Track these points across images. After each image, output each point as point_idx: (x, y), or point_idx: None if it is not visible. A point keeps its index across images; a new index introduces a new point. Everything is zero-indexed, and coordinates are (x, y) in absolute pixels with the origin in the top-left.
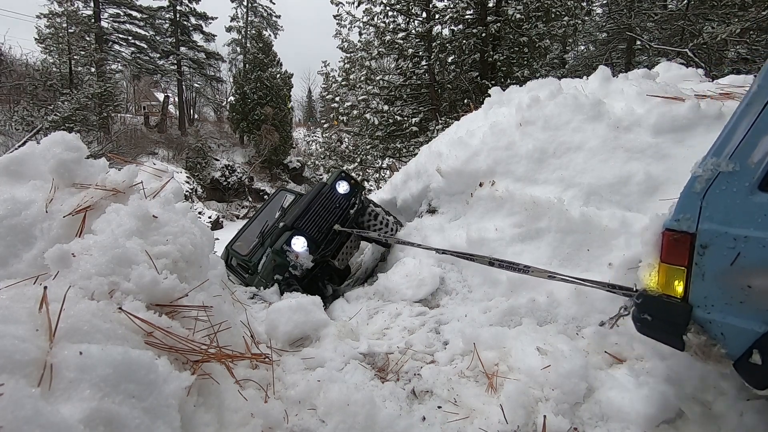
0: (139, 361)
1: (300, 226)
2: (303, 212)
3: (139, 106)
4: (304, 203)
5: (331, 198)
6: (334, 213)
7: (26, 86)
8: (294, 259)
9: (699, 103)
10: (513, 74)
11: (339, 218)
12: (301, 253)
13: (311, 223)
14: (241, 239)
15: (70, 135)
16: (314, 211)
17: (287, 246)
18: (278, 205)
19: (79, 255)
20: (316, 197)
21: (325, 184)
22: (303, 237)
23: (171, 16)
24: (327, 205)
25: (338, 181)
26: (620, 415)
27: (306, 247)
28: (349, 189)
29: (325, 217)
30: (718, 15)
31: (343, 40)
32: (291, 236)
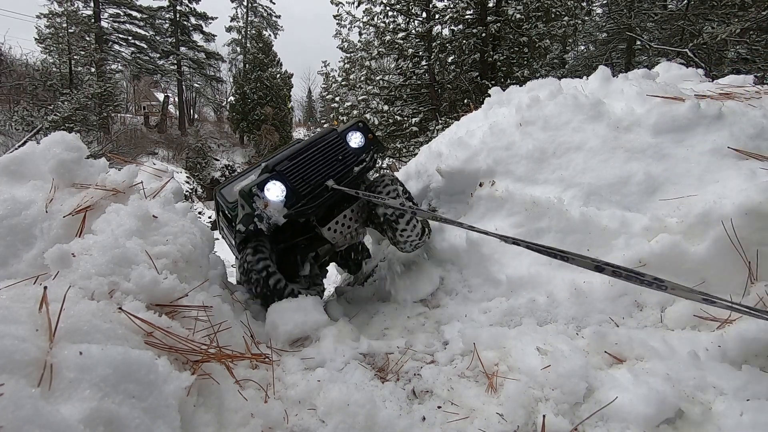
0: (139, 361)
1: (282, 170)
2: (292, 155)
3: (139, 106)
4: (300, 146)
5: (335, 148)
6: (333, 167)
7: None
8: (261, 208)
9: (699, 103)
10: (513, 74)
11: (338, 175)
12: (273, 202)
13: (298, 170)
14: (237, 183)
15: (70, 135)
16: (307, 158)
17: (258, 190)
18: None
19: (79, 255)
20: (315, 142)
21: (333, 130)
22: (281, 183)
23: (171, 16)
24: (328, 154)
25: (352, 131)
26: (620, 415)
27: (282, 197)
28: (363, 143)
29: (319, 168)
30: (718, 15)
31: (343, 40)
32: (267, 180)
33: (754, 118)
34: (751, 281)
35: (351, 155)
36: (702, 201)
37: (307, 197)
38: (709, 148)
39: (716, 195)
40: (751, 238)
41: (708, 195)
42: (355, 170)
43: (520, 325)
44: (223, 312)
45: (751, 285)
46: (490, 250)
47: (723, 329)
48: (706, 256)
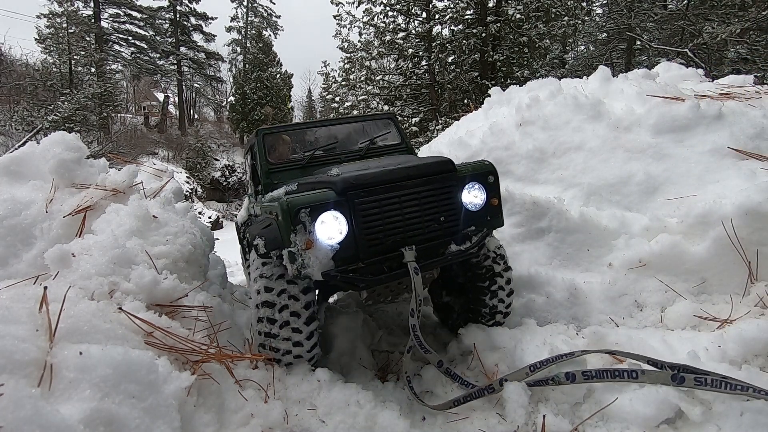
0: (139, 361)
1: (359, 201)
2: (382, 180)
3: (139, 106)
4: (395, 170)
5: (442, 197)
6: (426, 227)
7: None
8: (299, 245)
9: (699, 103)
10: (513, 74)
11: (426, 243)
12: (322, 245)
13: (380, 210)
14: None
15: (70, 135)
16: (399, 197)
17: (308, 215)
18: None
19: (79, 255)
20: (420, 175)
21: (451, 169)
22: (347, 221)
23: (171, 16)
24: (428, 204)
25: (477, 181)
26: (620, 415)
27: (337, 243)
28: (481, 205)
29: (408, 220)
30: (718, 15)
31: (343, 40)
32: (329, 206)
33: (754, 118)
34: (751, 281)
35: (455, 218)
36: (702, 201)
37: (370, 261)
38: (709, 148)
39: (716, 195)
40: (751, 238)
41: (708, 195)
42: (450, 249)
43: (521, 325)
44: (223, 312)
45: (751, 285)
46: None
47: (723, 329)
48: (706, 256)
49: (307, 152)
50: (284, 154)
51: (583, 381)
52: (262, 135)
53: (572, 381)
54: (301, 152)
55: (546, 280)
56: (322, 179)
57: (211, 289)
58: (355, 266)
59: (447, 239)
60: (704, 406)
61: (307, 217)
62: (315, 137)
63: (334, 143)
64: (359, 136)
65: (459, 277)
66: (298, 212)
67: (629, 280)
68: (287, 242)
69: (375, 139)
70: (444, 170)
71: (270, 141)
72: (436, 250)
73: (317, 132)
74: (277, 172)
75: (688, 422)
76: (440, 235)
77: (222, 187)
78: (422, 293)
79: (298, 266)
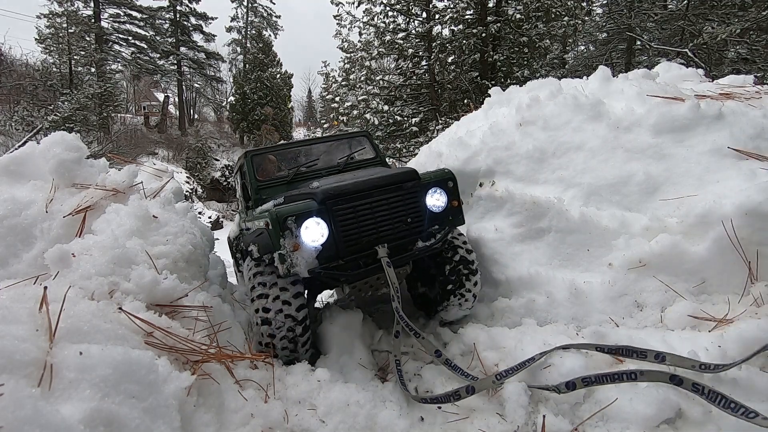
0: (139, 361)
1: (336, 209)
2: (355, 190)
3: (139, 106)
4: (365, 180)
5: (408, 202)
6: (395, 228)
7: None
8: (288, 248)
9: (699, 103)
10: (513, 74)
11: (396, 241)
12: (306, 247)
13: (355, 215)
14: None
15: (70, 135)
16: (371, 203)
17: (294, 223)
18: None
19: (79, 255)
20: (388, 183)
21: (414, 174)
22: (327, 226)
23: (171, 16)
24: (396, 207)
25: (438, 186)
26: (620, 415)
27: (320, 245)
28: (442, 208)
29: (379, 222)
30: (718, 15)
31: (343, 40)
32: (311, 214)
33: (754, 118)
34: (751, 281)
35: (421, 219)
36: (702, 201)
37: (349, 258)
38: (709, 148)
39: (716, 195)
40: (751, 238)
41: (708, 195)
42: (418, 245)
43: (520, 325)
44: (223, 312)
45: (751, 285)
46: (490, 251)
47: (723, 329)
48: (706, 256)
49: (291, 169)
50: (271, 171)
51: (583, 387)
52: (251, 156)
53: (572, 389)
54: (286, 169)
55: (546, 280)
56: (304, 191)
57: (211, 289)
58: (336, 264)
59: (414, 237)
60: (704, 407)
61: (293, 224)
62: (298, 155)
63: (315, 160)
64: (338, 152)
65: (431, 268)
66: (286, 220)
67: (629, 280)
68: (277, 246)
69: (352, 155)
70: (408, 179)
71: (258, 161)
72: (405, 247)
73: (300, 150)
74: (265, 188)
75: (688, 422)
76: (408, 234)
77: (222, 187)
78: (396, 283)
79: (287, 266)
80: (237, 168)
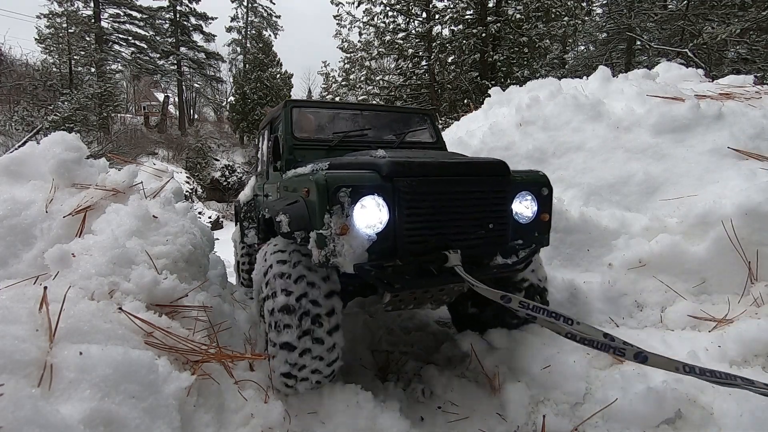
0: (139, 361)
1: (406, 188)
2: (433, 173)
3: (139, 106)
4: (450, 165)
5: (493, 203)
6: (474, 233)
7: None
8: (333, 229)
9: (699, 103)
10: (513, 74)
11: (472, 249)
12: (359, 232)
13: (429, 205)
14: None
15: (70, 135)
16: (451, 196)
17: (347, 194)
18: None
19: (79, 255)
20: (473, 175)
21: (504, 174)
22: (388, 208)
23: (171, 16)
24: (479, 207)
25: (529, 192)
26: (620, 415)
27: (375, 233)
28: (532, 218)
29: (457, 221)
30: (718, 15)
31: (343, 40)
32: (372, 190)
33: (754, 118)
34: (751, 281)
35: (504, 228)
36: (702, 201)
37: (409, 259)
38: (709, 148)
39: (716, 195)
40: (751, 238)
41: (708, 195)
42: (497, 261)
43: None
44: (223, 312)
45: (751, 285)
46: None
47: (723, 329)
48: (706, 256)
49: (336, 133)
50: (309, 132)
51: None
52: (291, 107)
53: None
54: (328, 133)
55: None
56: (363, 159)
57: (211, 289)
58: (392, 263)
59: (492, 249)
60: (704, 407)
61: (347, 197)
62: (345, 120)
63: (366, 129)
64: (393, 126)
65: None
66: (338, 190)
67: (629, 280)
68: (318, 223)
69: (410, 132)
70: (499, 172)
71: (298, 115)
72: (480, 259)
73: (350, 115)
74: (301, 149)
75: (688, 422)
76: (487, 243)
77: (222, 187)
78: (496, 296)
79: (327, 252)
80: (267, 121)
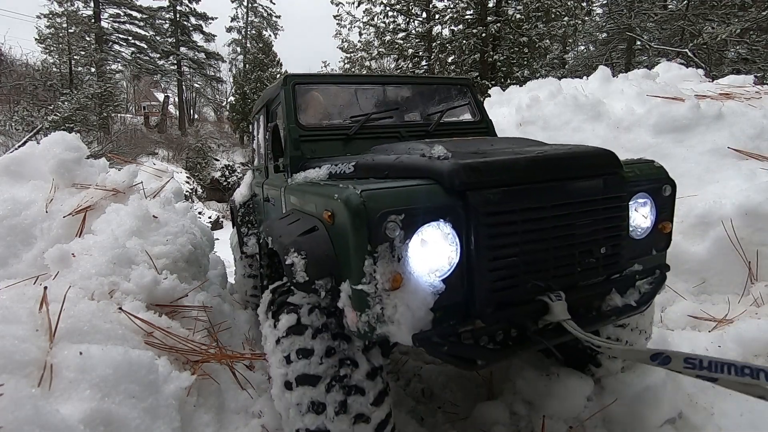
0: (139, 362)
1: (488, 209)
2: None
3: (139, 106)
4: (547, 162)
5: (606, 215)
6: (584, 262)
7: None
8: (381, 282)
9: (699, 103)
10: (513, 74)
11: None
12: (418, 281)
13: (528, 230)
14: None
15: (70, 135)
16: (552, 207)
17: (398, 225)
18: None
19: (79, 255)
20: (583, 178)
21: (618, 169)
22: (463, 246)
23: (171, 16)
24: (584, 222)
25: (642, 194)
26: (620, 416)
27: (443, 279)
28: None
29: (560, 251)
30: (718, 15)
31: (343, 40)
32: (431, 216)
33: (754, 118)
34: (751, 281)
35: (620, 250)
36: (702, 201)
37: (497, 320)
38: (709, 149)
39: (716, 195)
40: (751, 238)
41: (708, 195)
42: (614, 302)
43: None
44: (223, 312)
45: (751, 285)
46: None
47: (723, 330)
48: (706, 256)
49: (355, 117)
50: (319, 116)
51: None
52: (293, 84)
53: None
54: (344, 117)
55: None
56: (411, 161)
57: (211, 289)
58: (470, 327)
59: (608, 285)
60: (704, 407)
61: (398, 229)
62: (363, 99)
63: (392, 110)
64: (423, 104)
65: None
66: (385, 220)
67: None
68: (355, 273)
69: (448, 110)
70: (613, 167)
71: (303, 95)
72: (590, 301)
73: (367, 92)
74: (309, 142)
75: (688, 422)
76: (599, 275)
77: (222, 187)
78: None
79: (370, 318)
80: (261, 104)
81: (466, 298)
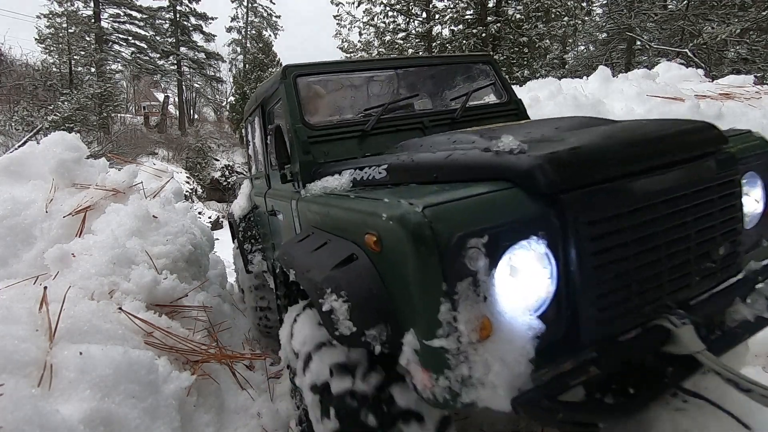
0: (139, 362)
1: (591, 218)
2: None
3: (139, 106)
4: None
5: (717, 211)
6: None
7: (26, 86)
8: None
9: (699, 103)
10: (513, 74)
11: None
12: (513, 324)
13: (640, 237)
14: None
15: (70, 135)
16: (663, 210)
17: (482, 250)
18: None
19: (79, 255)
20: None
21: (724, 139)
22: (560, 268)
23: (171, 16)
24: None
25: (751, 173)
26: None
27: (540, 315)
28: (759, 218)
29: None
30: (718, 15)
31: (343, 40)
32: (522, 232)
33: (754, 119)
34: None
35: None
36: None
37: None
38: None
39: None
40: None
41: None
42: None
43: None
44: (223, 312)
45: None
46: None
47: None
48: None
49: (369, 110)
50: (326, 112)
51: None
52: (294, 77)
53: None
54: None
55: None
56: (469, 158)
57: (211, 289)
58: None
59: (730, 294)
60: None
61: (482, 257)
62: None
63: (413, 96)
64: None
65: None
66: (463, 245)
67: None
68: (424, 320)
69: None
70: (720, 140)
71: (306, 90)
72: (710, 319)
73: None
74: (320, 143)
75: None
76: (717, 281)
77: (222, 187)
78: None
79: (453, 383)
80: (256, 103)
81: (568, 338)
